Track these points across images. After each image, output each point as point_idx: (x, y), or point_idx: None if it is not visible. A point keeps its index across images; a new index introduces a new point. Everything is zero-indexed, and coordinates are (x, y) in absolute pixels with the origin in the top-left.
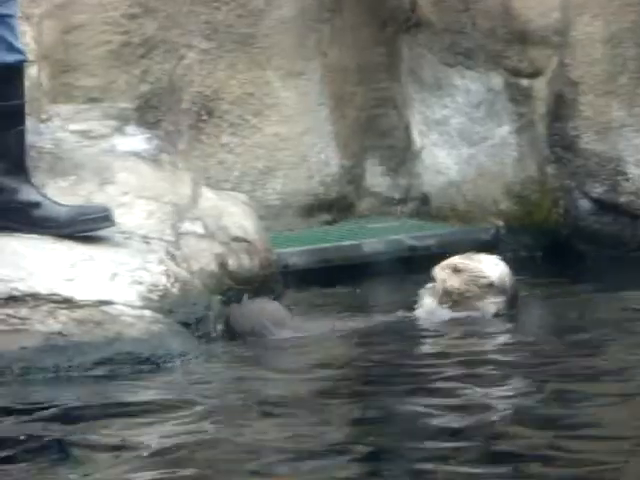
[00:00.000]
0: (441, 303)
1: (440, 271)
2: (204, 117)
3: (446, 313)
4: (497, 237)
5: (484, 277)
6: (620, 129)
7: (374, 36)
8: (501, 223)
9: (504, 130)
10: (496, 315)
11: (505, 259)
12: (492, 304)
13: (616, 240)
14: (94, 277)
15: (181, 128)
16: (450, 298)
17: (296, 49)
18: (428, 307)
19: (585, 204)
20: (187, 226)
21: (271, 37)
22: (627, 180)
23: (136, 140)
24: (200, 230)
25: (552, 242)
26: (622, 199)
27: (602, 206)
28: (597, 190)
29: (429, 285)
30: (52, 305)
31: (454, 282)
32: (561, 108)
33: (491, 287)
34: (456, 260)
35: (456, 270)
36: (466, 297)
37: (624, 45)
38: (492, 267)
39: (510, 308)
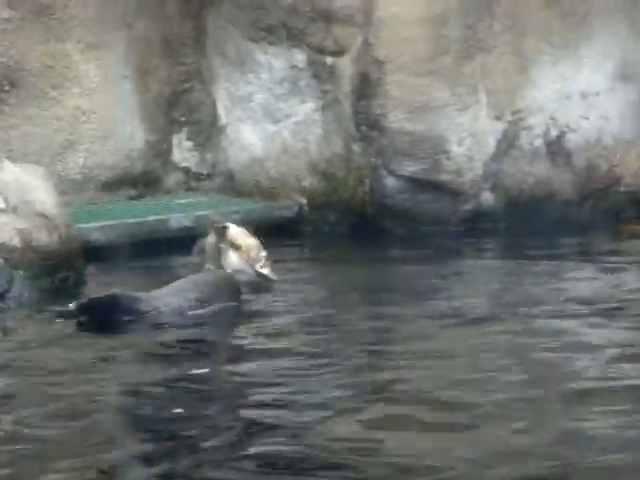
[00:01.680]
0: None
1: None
2: (6, 88)
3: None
4: (300, 214)
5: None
6: (443, 108)
7: (180, 9)
8: (304, 200)
9: (308, 107)
10: None
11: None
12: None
13: (434, 217)
14: None
15: None
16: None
17: (98, 21)
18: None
19: (392, 182)
20: None
21: (71, 9)
22: (449, 159)
23: None
24: (1, 204)
25: (358, 219)
26: (443, 177)
27: (418, 184)
28: (411, 169)
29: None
30: None
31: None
32: (366, 87)
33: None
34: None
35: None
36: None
37: (449, 26)
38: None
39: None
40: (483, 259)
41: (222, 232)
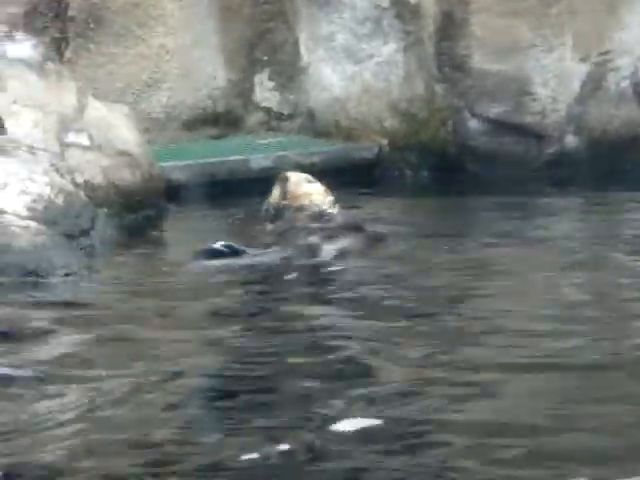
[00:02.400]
0: None
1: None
2: (92, 26)
3: None
4: (380, 155)
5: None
6: (528, 50)
7: None
8: (385, 141)
9: (390, 48)
10: None
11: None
12: None
13: (517, 160)
14: None
15: (68, 36)
16: None
17: None
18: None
19: (475, 124)
20: (72, 137)
21: None
22: (533, 100)
23: (24, 47)
24: (85, 142)
25: (438, 161)
26: (527, 119)
27: (501, 126)
28: (495, 110)
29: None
30: None
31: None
32: (450, 27)
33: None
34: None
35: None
36: None
37: None
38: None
39: None
40: (567, 201)
41: (284, 180)
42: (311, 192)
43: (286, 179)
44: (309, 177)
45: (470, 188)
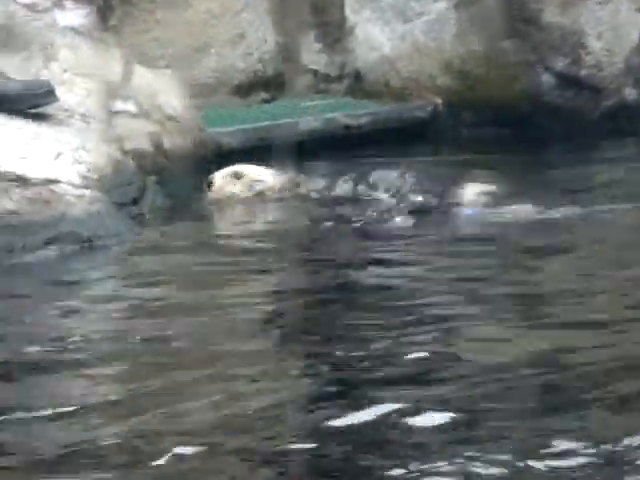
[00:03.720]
0: None
1: None
2: None
3: None
4: (435, 114)
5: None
6: (584, 1)
7: None
8: (439, 100)
9: (441, 5)
10: None
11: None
12: None
13: (577, 114)
14: (43, 156)
15: (112, 3)
16: None
17: None
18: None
19: (547, 78)
20: (120, 105)
21: None
22: (588, 53)
23: (74, 15)
24: (133, 109)
25: (501, 118)
26: (583, 72)
27: (564, 80)
28: (560, 64)
29: None
30: (6, 183)
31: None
32: None
33: None
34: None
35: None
36: None
37: None
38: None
39: None
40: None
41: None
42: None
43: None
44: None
45: (539, 144)
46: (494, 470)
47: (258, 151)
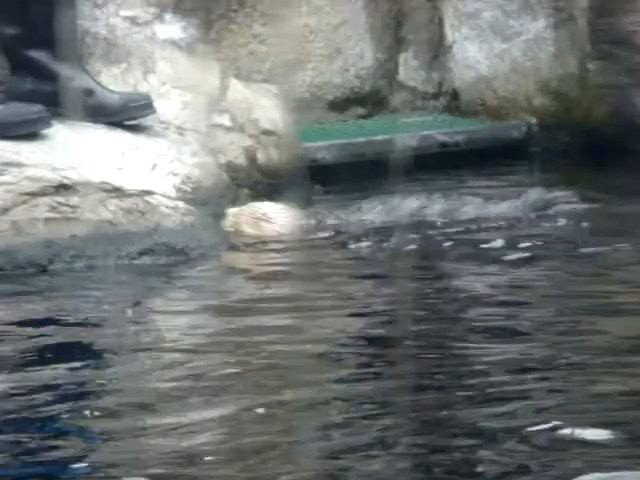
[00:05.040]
0: None
1: None
2: (235, 7)
3: None
4: (529, 134)
5: None
6: None
7: None
8: (534, 120)
9: (539, 25)
10: None
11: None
12: None
13: None
14: (139, 167)
15: (212, 17)
16: None
17: None
18: None
19: None
20: (215, 118)
21: None
22: None
23: (173, 28)
24: (228, 123)
25: (592, 140)
26: None
27: None
28: None
29: None
30: (103, 194)
31: None
32: (609, 2)
33: None
34: None
35: None
36: None
37: None
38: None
39: None
40: None
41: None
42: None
43: None
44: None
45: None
46: None
47: (353, 167)
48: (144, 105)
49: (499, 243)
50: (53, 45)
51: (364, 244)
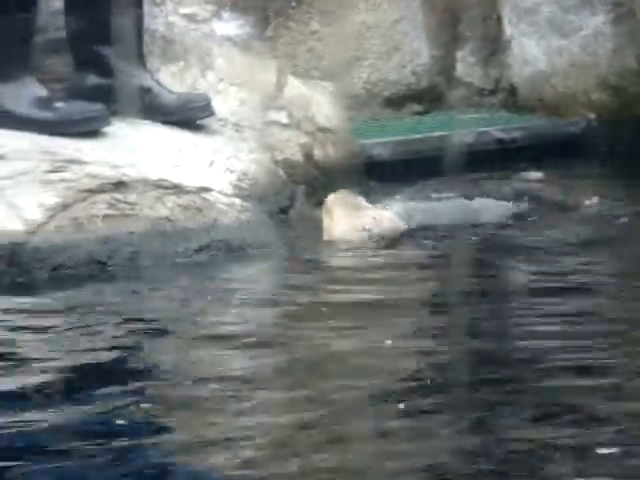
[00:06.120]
0: None
1: None
2: (293, 4)
3: None
4: (588, 130)
5: None
6: None
7: None
8: (592, 115)
9: (598, 20)
10: None
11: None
12: None
13: None
14: (196, 164)
15: (269, 14)
16: None
17: None
18: None
19: None
20: (272, 115)
21: None
22: None
23: (231, 25)
24: (284, 119)
25: None
26: None
27: None
28: None
29: None
30: (161, 191)
31: None
32: None
33: None
34: None
35: None
36: None
37: None
38: None
39: None
40: None
41: None
42: None
43: None
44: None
45: None
46: None
47: (409, 164)
48: (202, 107)
49: None
50: (118, 42)
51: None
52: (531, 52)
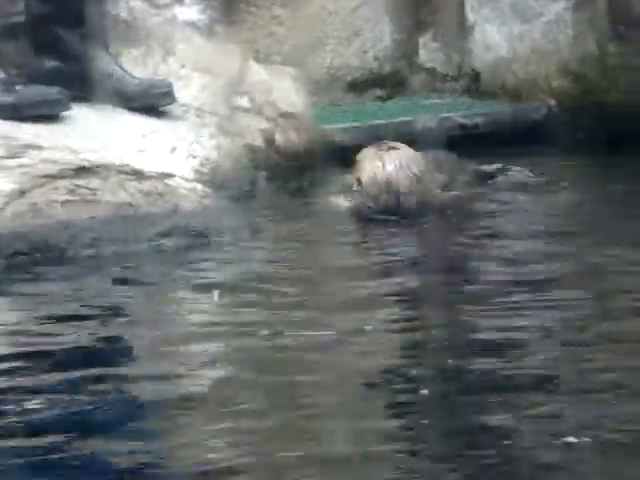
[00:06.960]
0: None
1: None
2: None
3: None
4: (549, 116)
5: None
6: None
7: None
8: (553, 102)
9: (559, 6)
10: None
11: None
12: None
13: None
14: (159, 150)
15: None
16: None
17: None
18: None
19: None
20: (234, 100)
21: None
22: None
23: (192, 10)
24: (247, 104)
25: (611, 122)
26: None
27: None
28: None
29: None
30: (122, 176)
31: None
32: None
33: None
34: None
35: None
36: None
37: None
38: None
39: None
40: None
41: None
42: None
43: None
44: None
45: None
46: None
47: None
48: (165, 93)
49: None
50: (81, 26)
51: None
52: (493, 38)
